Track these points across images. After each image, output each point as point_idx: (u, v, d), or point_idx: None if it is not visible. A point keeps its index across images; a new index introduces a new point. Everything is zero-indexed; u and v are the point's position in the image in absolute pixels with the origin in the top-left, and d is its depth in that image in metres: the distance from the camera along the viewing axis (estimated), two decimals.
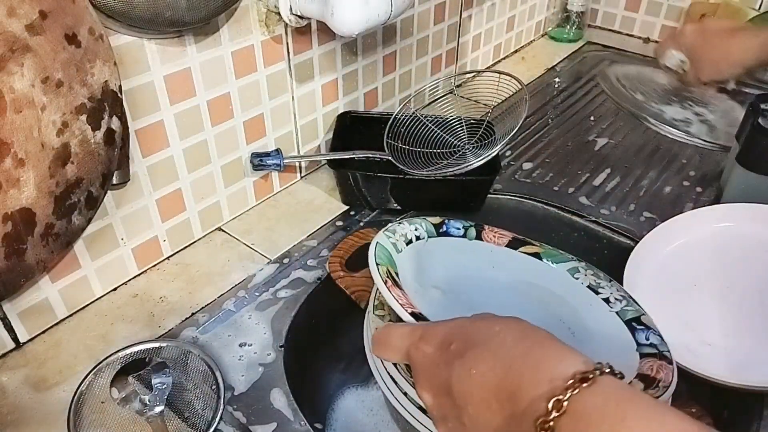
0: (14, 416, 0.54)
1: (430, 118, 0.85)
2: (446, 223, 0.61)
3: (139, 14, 0.53)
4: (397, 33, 0.90)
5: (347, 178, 0.78)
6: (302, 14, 0.68)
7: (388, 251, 0.53)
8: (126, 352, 0.57)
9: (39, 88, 0.47)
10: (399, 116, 0.83)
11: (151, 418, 0.52)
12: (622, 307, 0.53)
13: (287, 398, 0.56)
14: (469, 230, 0.61)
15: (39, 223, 0.51)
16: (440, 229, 0.60)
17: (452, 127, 0.85)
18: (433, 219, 0.61)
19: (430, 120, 0.85)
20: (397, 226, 0.57)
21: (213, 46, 0.65)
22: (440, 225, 0.60)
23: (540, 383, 0.32)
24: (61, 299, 0.62)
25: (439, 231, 0.60)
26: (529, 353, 0.34)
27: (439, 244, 0.59)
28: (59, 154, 0.50)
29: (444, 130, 0.84)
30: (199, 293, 0.67)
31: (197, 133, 0.68)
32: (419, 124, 0.84)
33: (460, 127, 0.84)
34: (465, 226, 0.61)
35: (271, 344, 0.61)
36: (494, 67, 1.21)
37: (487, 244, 0.61)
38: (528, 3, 1.22)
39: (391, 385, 0.50)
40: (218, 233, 0.76)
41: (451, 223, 0.61)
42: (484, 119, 0.84)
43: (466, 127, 0.84)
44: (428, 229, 0.59)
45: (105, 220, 0.63)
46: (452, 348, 0.37)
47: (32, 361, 0.59)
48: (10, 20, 0.44)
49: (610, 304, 0.54)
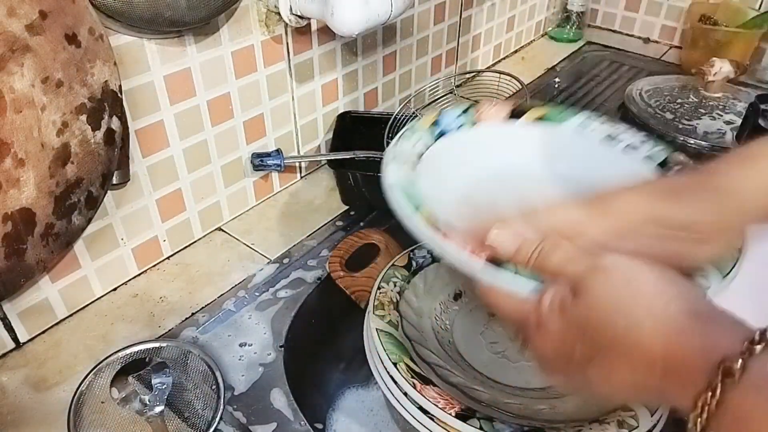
0: (14, 416, 0.54)
1: None
2: (439, 121, 0.51)
3: (139, 14, 0.53)
4: (397, 33, 0.90)
5: (347, 178, 0.78)
6: (302, 14, 0.68)
7: (393, 339, 0.49)
8: (126, 352, 0.57)
9: (39, 88, 0.47)
10: (399, 116, 0.83)
11: (151, 418, 0.52)
12: (650, 150, 0.49)
13: (287, 398, 0.56)
14: (467, 115, 0.53)
15: (39, 223, 0.51)
16: (435, 130, 0.51)
17: None
18: (427, 119, 0.52)
19: None
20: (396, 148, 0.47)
21: (213, 46, 0.65)
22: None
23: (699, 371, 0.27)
24: (61, 299, 0.62)
25: (435, 135, 0.50)
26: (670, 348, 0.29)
27: (441, 148, 0.50)
28: (59, 154, 0.50)
29: None
30: (199, 293, 0.67)
31: (197, 133, 0.68)
32: None
33: None
34: (458, 115, 0.52)
35: (271, 344, 0.61)
36: (494, 67, 1.21)
37: (489, 128, 0.53)
38: (528, 3, 1.22)
39: (391, 385, 0.50)
40: (218, 233, 0.76)
41: (443, 119, 0.51)
42: None
43: None
44: (425, 139, 0.50)
45: (105, 220, 0.63)
46: (578, 353, 0.32)
47: (32, 361, 0.59)
48: (10, 20, 0.44)
49: (637, 149, 0.50)
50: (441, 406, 0.46)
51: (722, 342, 0.28)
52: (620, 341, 0.30)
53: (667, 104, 1.01)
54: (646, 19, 1.28)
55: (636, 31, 1.31)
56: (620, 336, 0.30)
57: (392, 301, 0.57)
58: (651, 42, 1.29)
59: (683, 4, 1.21)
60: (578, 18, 1.29)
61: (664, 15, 1.25)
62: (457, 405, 0.46)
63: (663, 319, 0.29)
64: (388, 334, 0.52)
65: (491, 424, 0.45)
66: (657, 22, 1.27)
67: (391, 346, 0.51)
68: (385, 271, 0.60)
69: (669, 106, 1.00)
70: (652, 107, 1.00)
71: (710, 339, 0.28)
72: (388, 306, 0.56)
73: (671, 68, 1.19)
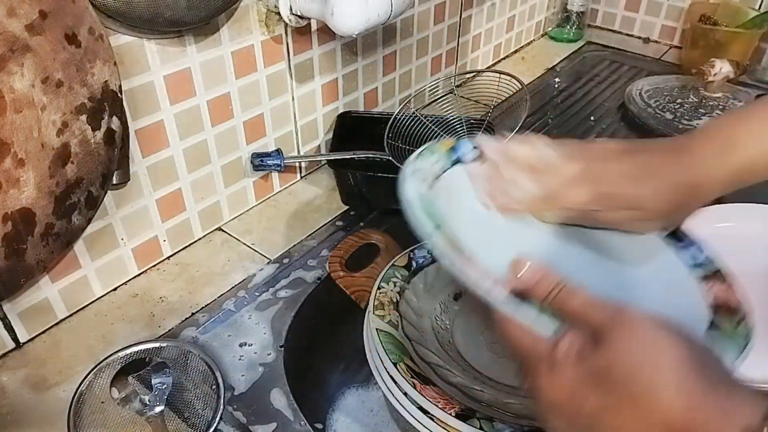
0: (14, 416, 0.54)
1: (430, 118, 0.85)
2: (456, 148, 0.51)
3: (139, 14, 0.53)
4: (397, 33, 0.90)
5: (347, 178, 0.78)
6: (302, 14, 0.68)
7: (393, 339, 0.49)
8: (126, 352, 0.57)
9: (39, 88, 0.47)
10: (399, 116, 0.83)
11: (151, 418, 0.52)
12: None
13: (287, 398, 0.56)
14: None
15: (39, 223, 0.51)
16: (452, 156, 0.50)
17: (453, 126, 0.85)
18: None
19: (431, 120, 0.85)
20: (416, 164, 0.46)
21: (213, 46, 0.65)
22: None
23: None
24: (61, 299, 0.62)
25: (452, 160, 0.50)
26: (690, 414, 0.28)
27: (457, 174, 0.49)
28: (59, 154, 0.50)
29: (444, 129, 0.85)
30: (199, 293, 0.67)
31: (197, 133, 0.68)
32: (419, 123, 0.84)
33: (460, 126, 0.84)
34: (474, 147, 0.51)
35: (271, 344, 0.61)
36: (494, 67, 1.21)
37: None
38: (528, 3, 1.22)
39: (391, 385, 0.50)
40: (218, 233, 0.76)
41: (461, 147, 0.50)
42: (485, 119, 0.84)
43: (466, 126, 0.84)
44: (442, 162, 0.49)
45: (105, 220, 0.63)
46: (590, 404, 0.31)
47: (32, 361, 0.59)
48: (10, 20, 0.44)
49: None
50: (441, 406, 0.46)
51: (742, 412, 0.28)
52: (639, 400, 0.29)
53: (667, 104, 1.01)
54: (646, 19, 1.28)
55: (636, 31, 1.31)
56: (640, 394, 0.29)
57: (392, 301, 0.57)
58: (651, 42, 1.29)
59: (683, 4, 1.21)
60: (578, 18, 1.29)
61: (664, 15, 1.25)
62: (457, 405, 0.46)
63: (685, 384, 0.29)
64: (388, 334, 0.52)
65: (491, 424, 0.45)
66: (657, 22, 1.27)
67: (391, 346, 0.51)
68: (385, 271, 0.60)
69: (669, 106, 1.00)
70: (652, 107, 1.00)
71: (731, 408, 0.28)
72: (388, 306, 0.56)
73: (671, 68, 1.19)
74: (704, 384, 0.29)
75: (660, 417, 0.29)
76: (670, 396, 0.29)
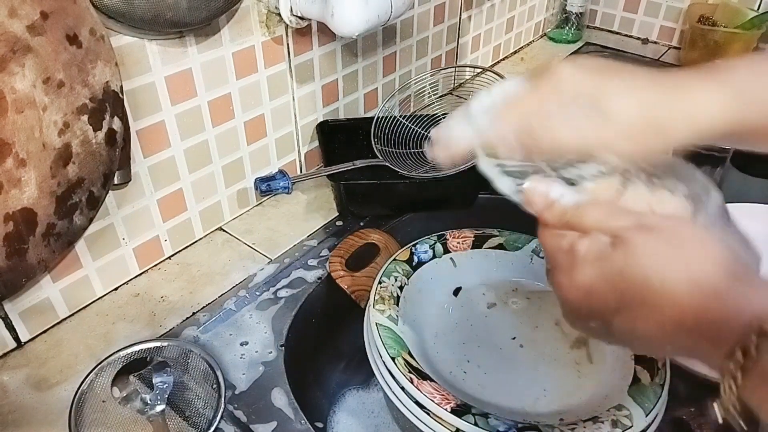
0: (15, 416, 0.54)
1: (410, 119, 0.84)
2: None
3: (140, 15, 0.54)
4: (397, 34, 0.90)
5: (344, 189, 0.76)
6: (303, 15, 0.68)
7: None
8: (127, 352, 0.57)
9: (40, 89, 0.48)
10: (380, 120, 0.83)
11: (152, 417, 0.52)
12: None
13: (288, 397, 0.56)
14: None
15: (40, 223, 0.51)
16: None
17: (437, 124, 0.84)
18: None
19: (411, 120, 0.84)
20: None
21: (214, 46, 0.65)
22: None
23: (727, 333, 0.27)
24: (62, 299, 0.63)
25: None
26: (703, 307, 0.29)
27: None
28: (61, 155, 0.51)
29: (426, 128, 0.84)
30: (200, 293, 0.67)
31: (198, 134, 0.68)
32: (400, 125, 0.84)
33: None
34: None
35: (272, 343, 0.61)
36: (494, 68, 1.21)
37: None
38: (527, 4, 1.22)
39: (389, 379, 0.50)
40: (219, 233, 0.76)
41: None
42: None
43: None
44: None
45: (106, 219, 0.63)
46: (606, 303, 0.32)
47: (33, 360, 0.60)
48: (11, 21, 0.44)
49: None
50: (437, 401, 0.46)
51: (758, 304, 0.28)
52: (652, 296, 0.30)
53: None
54: (644, 20, 1.28)
55: (635, 31, 1.31)
56: (653, 291, 0.30)
57: (392, 295, 0.57)
58: (650, 43, 1.29)
59: (682, 4, 1.21)
60: (577, 19, 1.29)
61: (662, 16, 1.25)
62: (453, 400, 0.46)
63: (702, 279, 0.29)
64: (388, 329, 0.53)
65: (486, 420, 0.45)
66: (656, 23, 1.27)
67: (390, 341, 0.51)
68: (387, 265, 0.60)
69: None
70: None
71: (747, 301, 0.28)
72: (388, 301, 0.56)
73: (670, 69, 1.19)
74: (720, 279, 0.29)
75: (672, 312, 0.29)
76: (682, 292, 0.29)
